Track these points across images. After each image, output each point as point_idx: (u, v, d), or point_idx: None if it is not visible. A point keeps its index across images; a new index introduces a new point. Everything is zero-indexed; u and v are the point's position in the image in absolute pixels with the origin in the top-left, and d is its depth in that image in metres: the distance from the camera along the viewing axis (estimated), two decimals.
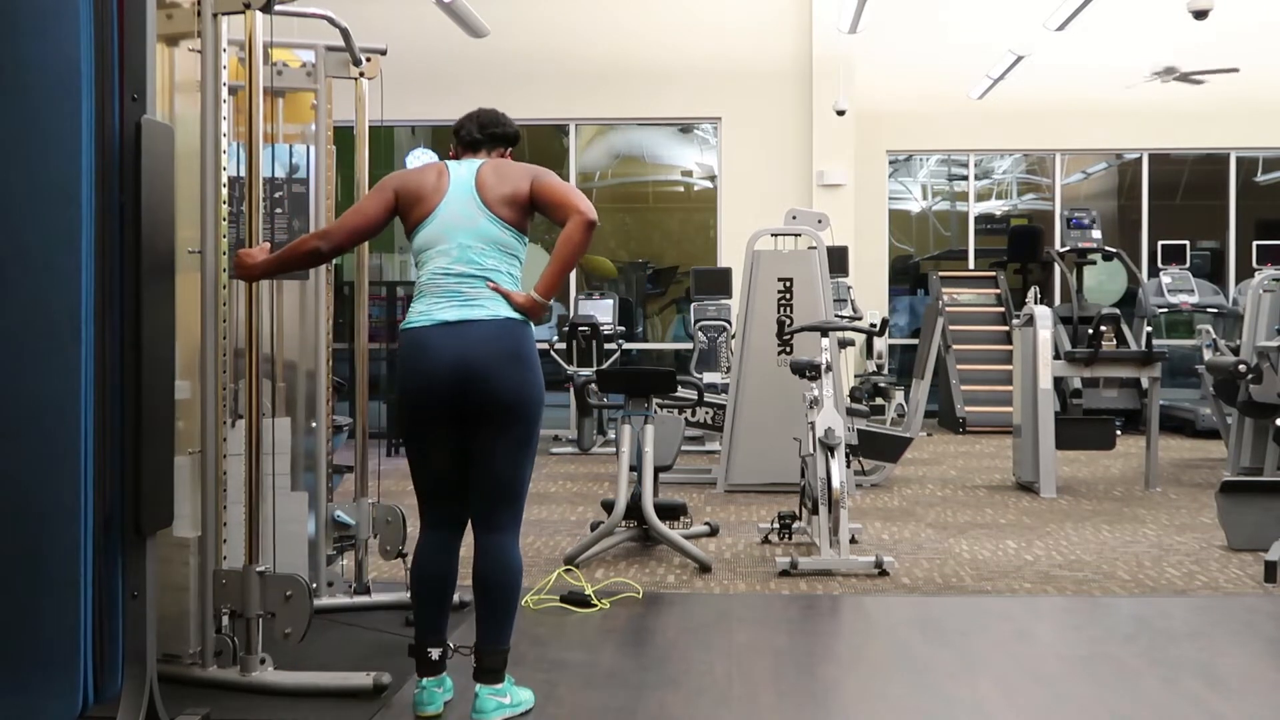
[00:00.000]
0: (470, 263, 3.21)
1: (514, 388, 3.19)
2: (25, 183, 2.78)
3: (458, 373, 3.16)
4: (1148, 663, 3.86)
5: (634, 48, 12.01)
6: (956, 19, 12.21)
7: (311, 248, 3.37)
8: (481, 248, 3.22)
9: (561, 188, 3.26)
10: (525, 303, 3.21)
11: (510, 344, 3.19)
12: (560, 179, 3.31)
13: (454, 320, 3.18)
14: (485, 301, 3.19)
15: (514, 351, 3.19)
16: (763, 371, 7.51)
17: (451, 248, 3.22)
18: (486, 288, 3.20)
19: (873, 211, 12.42)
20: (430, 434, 3.26)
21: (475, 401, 3.18)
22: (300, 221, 4.28)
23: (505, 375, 3.17)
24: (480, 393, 3.17)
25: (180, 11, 3.52)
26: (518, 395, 3.20)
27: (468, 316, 3.18)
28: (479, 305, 3.19)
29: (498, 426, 3.21)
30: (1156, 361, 7.68)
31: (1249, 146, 12.62)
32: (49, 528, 2.77)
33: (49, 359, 2.78)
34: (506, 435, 3.22)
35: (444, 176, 3.29)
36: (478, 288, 3.20)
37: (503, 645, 3.25)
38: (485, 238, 3.23)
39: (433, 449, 3.27)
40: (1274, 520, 5.54)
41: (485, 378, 3.16)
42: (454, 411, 3.21)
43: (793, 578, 5.07)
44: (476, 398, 3.17)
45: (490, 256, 3.23)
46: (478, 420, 3.21)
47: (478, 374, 3.16)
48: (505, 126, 3.47)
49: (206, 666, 3.47)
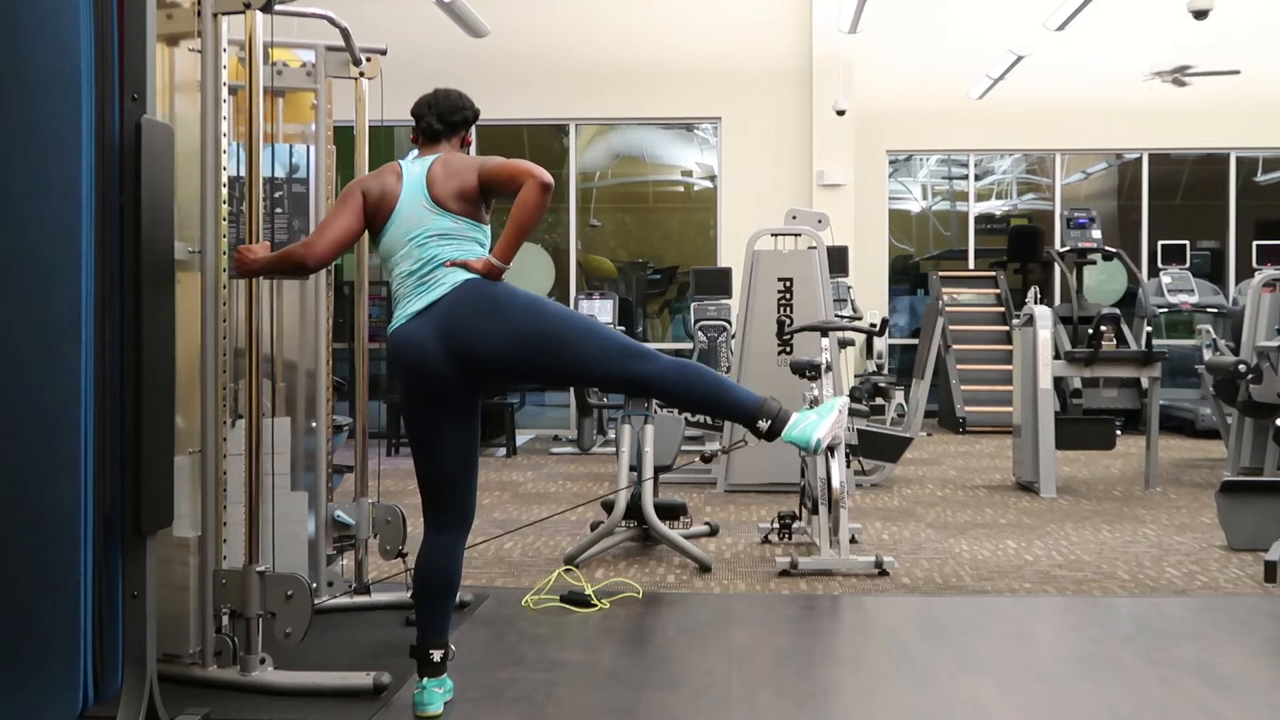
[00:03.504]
0: (427, 254, 3.23)
1: (500, 328, 3.15)
2: (25, 183, 2.78)
3: (443, 340, 3.16)
4: (1148, 663, 3.85)
5: (634, 48, 12.01)
6: (956, 19, 12.22)
7: (299, 260, 3.36)
8: (435, 240, 3.24)
9: (509, 164, 3.23)
10: (483, 268, 3.21)
11: (479, 297, 3.18)
12: (507, 158, 3.29)
13: (424, 306, 3.20)
14: (445, 277, 3.21)
15: (486, 301, 3.17)
16: (763, 371, 7.51)
17: (411, 249, 3.25)
18: (444, 267, 3.22)
19: (873, 211, 12.43)
20: (434, 427, 3.25)
21: (473, 358, 3.17)
22: (300, 221, 4.28)
23: (486, 325, 3.16)
24: (473, 345, 3.16)
25: (180, 11, 3.52)
26: (505, 328, 3.16)
27: (433, 297, 3.20)
28: (440, 284, 3.21)
29: (515, 347, 3.17)
30: (1156, 361, 7.68)
31: (1249, 146, 12.62)
32: (49, 528, 2.77)
33: (49, 359, 2.78)
34: (526, 338, 3.17)
35: (399, 179, 3.30)
36: (438, 271, 3.22)
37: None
38: (440, 231, 3.25)
39: (437, 444, 3.26)
40: (1274, 520, 5.54)
41: (469, 334, 3.16)
42: (457, 381, 3.20)
43: (793, 578, 5.07)
44: (472, 353, 3.16)
45: (445, 245, 3.24)
46: (488, 371, 3.21)
47: (460, 333, 3.15)
48: (466, 110, 3.46)
49: (206, 666, 3.47)
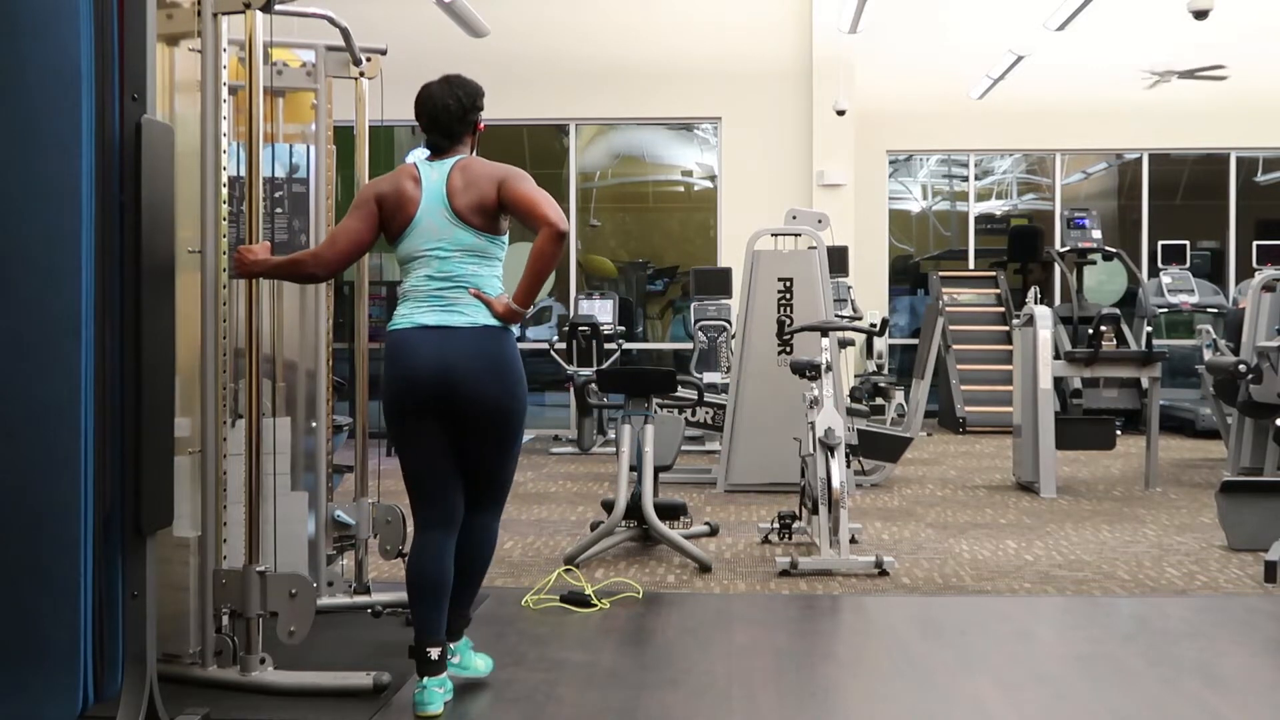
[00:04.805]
0: (450, 270, 3.25)
1: (495, 397, 3.26)
2: (25, 183, 2.78)
3: (438, 376, 3.21)
4: (1148, 663, 3.85)
5: (634, 48, 12.01)
6: (956, 19, 12.22)
7: (308, 271, 3.41)
8: (459, 256, 3.26)
9: (530, 196, 3.21)
10: (504, 312, 3.26)
11: (491, 351, 3.24)
12: (530, 184, 3.26)
13: (434, 325, 3.23)
14: (465, 308, 3.24)
15: (495, 360, 3.25)
16: (763, 371, 7.51)
17: (431, 258, 3.26)
18: (468, 294, 3.25)
19: (873, 211, 12.43)
20: (417, 432, 3.29)
21: (458, 407, 3.25)
22: (300, 221, 4.28)
23: (486, 385, 3.24)
24: (462, 399, 3.23)
25: (180, 11, 3.52)
26: (499, 404, 3.28)
27: (448, 323, 3.23)
28: (459, 312, 3.24)
29: (482, 432, 3.31)
30: (1156, 361, 7.68)
31: (1249, 146, 12.62)
32: (49, 528, 2.77)
33: (49, 359, 2.78)
34: (489, 439, 3.34)
35: (418, 184, 3.29)
36: (458, 294, 3.25)
37: (466, 612, 3.54)
38: (461, 246, 3.26)
39: (421, 448, 3.31)
40: (1274, 520, 5.53)
41: (467, 387, 3.22)
42: (437, 412, 3.26)
43: (793, 578, 5.07)
44: (460, 404, 3.24)
45: (468, 263, 3.27)
46: (461, 424, 3.29)
47: (459, 381, 3.22)
48: (470, 113, 3.35)
49: (206, 666, 3.47)
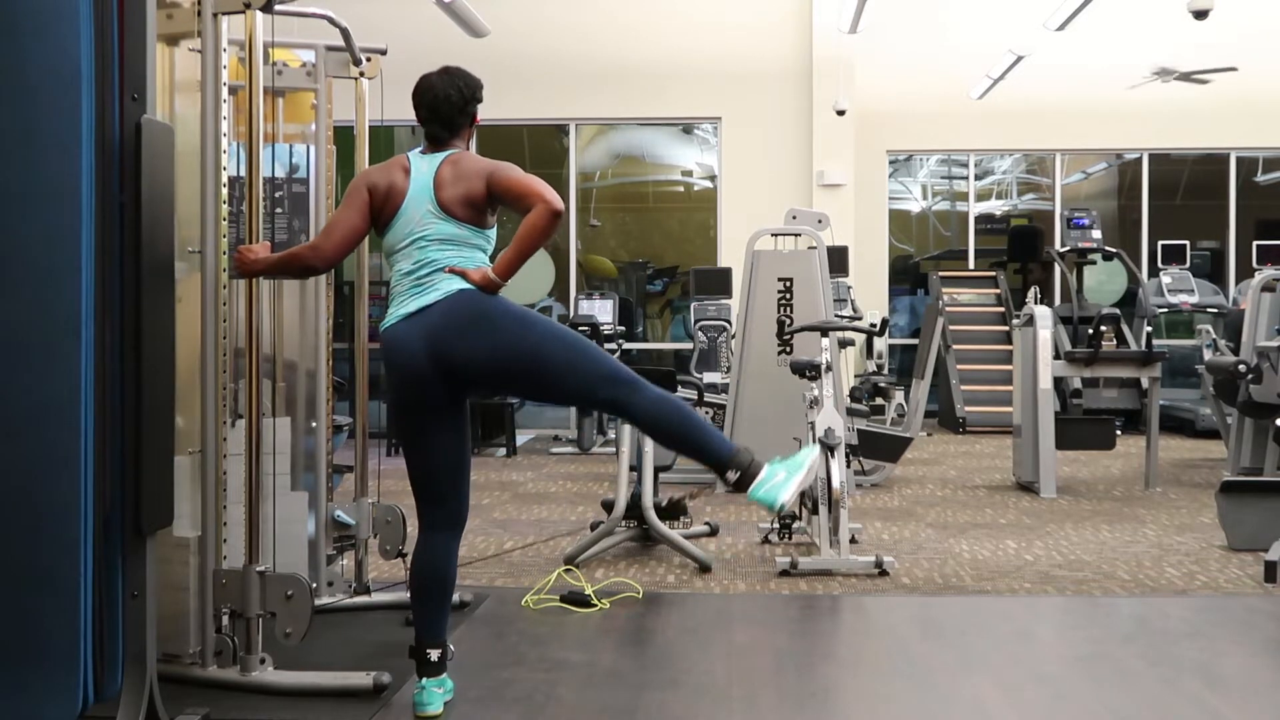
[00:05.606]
0: (429, 258, 3.22)
1: (487, 348, 3.16)
2: (25, 183, 2.78)
3: (427, 352, 3.16)
4: (1148, 663, 3.85)
5: (634, 48, 12.01)
6: (956, 19, 12.22)
7: (306, 264, 3.38)
8: (438, 245, 3.23)
9: (521, 180, 3.20)
10: (481, 280, 3.20)
11: (470, 306, 3.17)
12: (519, 171, 3.24)
13: (415, 310, 3.20)
14: (441, 283, 3.20)
15: (474, 311, 3.17)
16: (763, 371, 7.51)
17: (413, 250, 3.24)
18: (444, 273, 3.21)
19: (873, 211, 12.42)
20: (422, 431, 3.25)
21: (461, 371, 3.18)
22: (300, 221, 4.28)
23: (472, 339, 3.16)
24: (460, 363, 3.16)
25: (180, 11, 3.52)
26: (494, 346, 3.16)
27: (427, 301, 3.19)
28: (435, 289, 3.20)
29: (504, 373, 3.20)
30: (1156, 361, 7.68)
31: (1249, 146, 12.62)
32: (49, 528, 2.77)
33: (49, 359, 2.78)
34: (516, 368, 3.19)
35: (407, 175, 3.28)
36: (436, 276, 3.21)
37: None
38: (441, 236, 3.23)
39: (427, 448, 3.27)
40: (1274, 520, 5.53)
41: (455, 348, 3.16)
42: (447, 392, 3.21)
43: (793, 578, 5.06)
44: (459, 368, 3.17)
45: (447, 250, 3.23)
46: (480, 383, 3.24)
47: (445, 345, 3.15)
48: (469, 104, 3.36)
49: (206, 666, 3.47)
